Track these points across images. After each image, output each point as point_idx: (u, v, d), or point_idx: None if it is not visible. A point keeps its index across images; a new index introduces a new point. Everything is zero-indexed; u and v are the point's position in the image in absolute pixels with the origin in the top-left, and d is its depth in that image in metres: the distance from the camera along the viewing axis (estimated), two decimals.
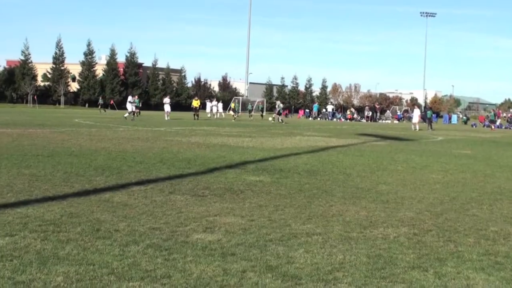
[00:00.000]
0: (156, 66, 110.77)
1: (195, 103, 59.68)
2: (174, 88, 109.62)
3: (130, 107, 49.57)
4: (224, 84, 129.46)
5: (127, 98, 57.27)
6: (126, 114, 48.52)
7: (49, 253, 6.90)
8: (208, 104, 70.79)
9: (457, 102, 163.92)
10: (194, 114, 58.15)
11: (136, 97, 57.89)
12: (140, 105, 60.99)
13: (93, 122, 41.79)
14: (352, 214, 10.23)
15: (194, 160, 17.53)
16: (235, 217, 9.55)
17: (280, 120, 59.64)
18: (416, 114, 56.76)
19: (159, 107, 77.45)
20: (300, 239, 8.18)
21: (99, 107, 73.93)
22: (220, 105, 71.74)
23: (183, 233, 8.24)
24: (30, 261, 6.54)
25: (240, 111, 73.23)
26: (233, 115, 64.49)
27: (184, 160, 17.56)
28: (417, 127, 53.30)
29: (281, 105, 65.26)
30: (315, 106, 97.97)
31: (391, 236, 8.68)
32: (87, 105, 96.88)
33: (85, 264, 6.52)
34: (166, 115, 53.55)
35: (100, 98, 79.65)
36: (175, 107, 68.93)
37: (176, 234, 8.13)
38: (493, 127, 62.75)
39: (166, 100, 56.81)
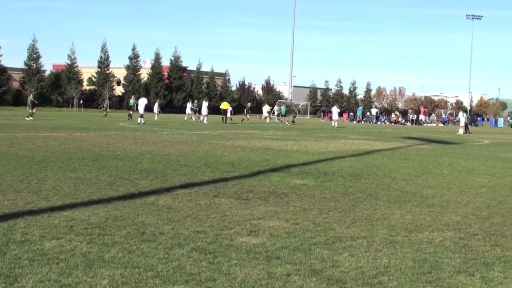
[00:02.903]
0: (201, 69, 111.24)
1: (225, 105, 58.85)
2: (218, 92, 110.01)
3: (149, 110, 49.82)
4: (268, 88, 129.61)
5: (172, 102, 58.24)
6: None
7: (94, 256, 6.96)
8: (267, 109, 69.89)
9: (503, 105, 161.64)
10: (223, 118, 56.67)
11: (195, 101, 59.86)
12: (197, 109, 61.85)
13: (137, 125, 42.13)
14: (397, 218, 10.15)
15: (238, 164, 17.58)
16: (279, 220, 9.54)
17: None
18: (462, 117, 56.58)
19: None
20: (345, 243, 8.14)
21: (104, 111, 62.06)
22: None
23: (227, 236, 8.26)
24: (76, 264, 6.61)
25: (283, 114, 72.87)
26: (277, 119, 63.97)
27: (228, 163, 17.61)
28: (461, 131, 53.02)
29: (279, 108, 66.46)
30: (360, 110, 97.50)
31: (437, 240, 8.59)
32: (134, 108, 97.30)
33: (130, 267, 6.57)
34: (204, 118, 53.97)
35: (107, 100, 71.22)
36: (218, 110, 68.55)
37: (220, 238, 8.15)
38: None
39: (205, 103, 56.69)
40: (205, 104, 56.10)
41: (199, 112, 60.31)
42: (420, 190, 13.74)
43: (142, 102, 50.25)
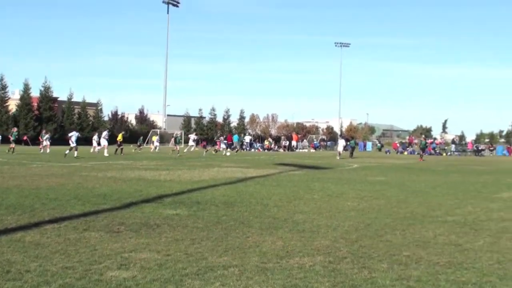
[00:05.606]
0: (72, 100, 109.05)
1: (120, 137, 58.05)
2: (90, 122, 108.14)
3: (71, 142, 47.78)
4: (141, 117, 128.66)
5: (40, 133, 56.42)
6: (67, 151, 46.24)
7: None
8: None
9: (371, 129, 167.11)
10: (119, 148, 55.55)
11: (15, 129, 57.76)
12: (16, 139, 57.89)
13: (5, 159, 40.71)
14: (268, 245, 10.27)
15: (110, 195, 17.30)
16: (151, 252, 9.45)
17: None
18: (341, 143, 58.20)
19: (78, 141, 75.73)
20: (217, 272, 8.15)
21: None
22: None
23: (97, 271, 8.09)
24: None
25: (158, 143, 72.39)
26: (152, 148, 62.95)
27: (100, 195, 17.30)
28: (338, 156, 54.21)
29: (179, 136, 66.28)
30: (235, 137, 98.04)
31: (307, 265, 8.74)
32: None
33: None
34: (103, 150, 52.32)
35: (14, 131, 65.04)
36: (88, 141, 67.11)
37: (90, 273, 7.97)
38: (422, 154, 61.72)
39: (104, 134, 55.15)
40: (104, 134, 54.57)
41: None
42: (292, 216, 13.96)
43: (73, 135, 48.46)
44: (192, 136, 68.21)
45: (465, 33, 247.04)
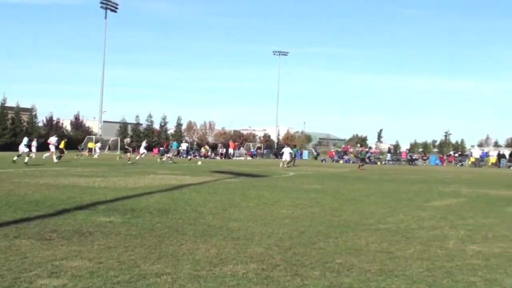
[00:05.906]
0: (5, 105, 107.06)
1: (62, 144, 57.21)
2: (24, 128, 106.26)
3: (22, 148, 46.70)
4: (77, 123, 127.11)
5: None
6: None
7: None
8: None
9: (308, 138, 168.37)
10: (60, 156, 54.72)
11: None
12: None
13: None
14: (202, 252, 10.26)
15: (42, 202, 17.03)
16: (83, 260, 9.34)
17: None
18: (287, 152, 58.70)
19: (11, 147, 74.70)
20: (149, 280, 8.11)
21: None
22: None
23: (27, 279, 7.96)
24: None
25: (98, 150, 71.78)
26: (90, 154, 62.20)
27: (32, 202, 17.01)
28: (285, 165, 54.74)
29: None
30: (174, 144, 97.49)
31: (240, 272, 8.76)
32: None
33: None
34: (51, 155, 51.59)
35: None
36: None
37: (19, 281, 7.84)
38: (361, 165, 62.29)
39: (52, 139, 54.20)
40: (53, 140, 53.55)
41: None
42: (227, 224, 13.98)
43: (25, 141, 47.28)
44: (144, 144, 67.62)
45: (400, 44, 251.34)
